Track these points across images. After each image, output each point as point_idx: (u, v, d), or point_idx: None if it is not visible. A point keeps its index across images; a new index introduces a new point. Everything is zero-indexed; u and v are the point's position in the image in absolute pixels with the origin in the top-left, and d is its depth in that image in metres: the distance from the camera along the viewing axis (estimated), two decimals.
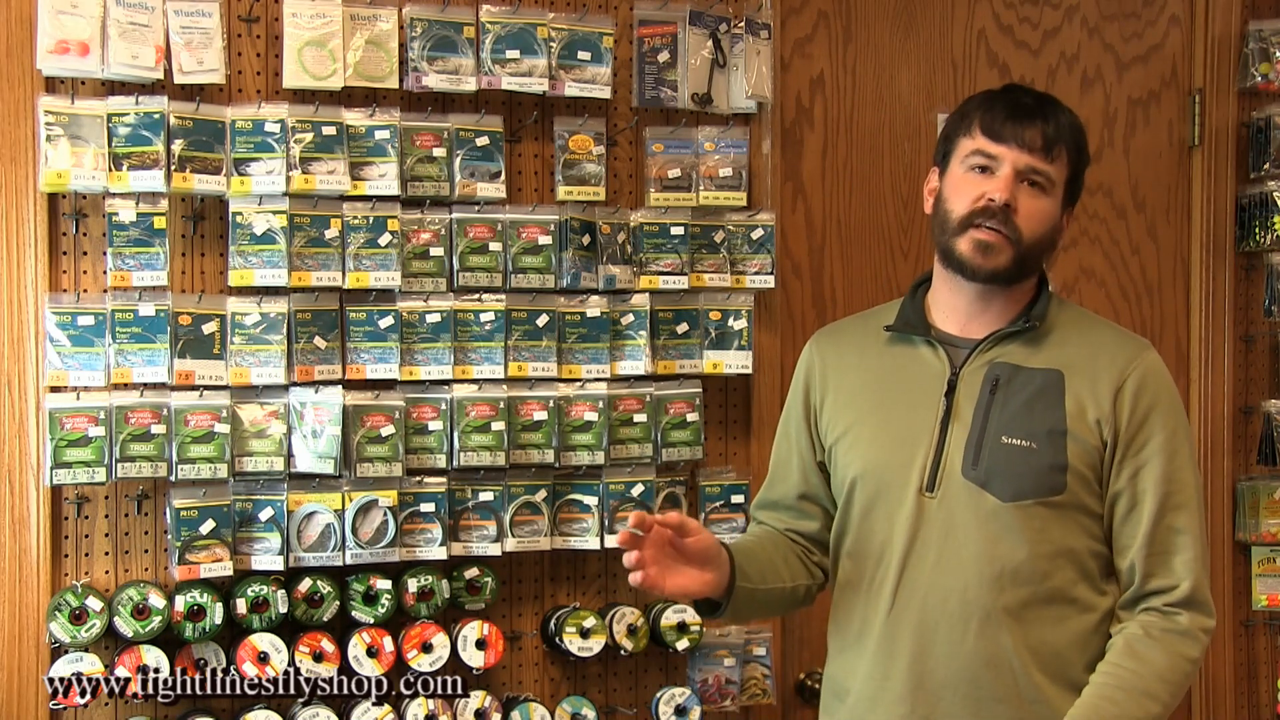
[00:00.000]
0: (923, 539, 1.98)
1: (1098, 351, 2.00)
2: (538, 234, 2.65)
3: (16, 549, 2.39)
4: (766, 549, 2.12)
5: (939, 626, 1.96)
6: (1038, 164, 1.96)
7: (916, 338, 2.07)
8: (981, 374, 2.00)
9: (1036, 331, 2.02)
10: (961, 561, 1.95)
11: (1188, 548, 1.94)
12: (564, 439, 2.66)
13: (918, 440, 2.01)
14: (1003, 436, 1.96)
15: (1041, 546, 1.94)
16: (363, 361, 2.54)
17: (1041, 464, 1.94)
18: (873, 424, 2.07)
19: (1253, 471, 3.30)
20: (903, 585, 1.99)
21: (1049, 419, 1.96)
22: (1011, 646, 1.93)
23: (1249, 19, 3.28)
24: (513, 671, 2.71)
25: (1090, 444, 1.95)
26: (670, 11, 2.78)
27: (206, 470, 2.42)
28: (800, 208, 3.00)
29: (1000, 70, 3.17)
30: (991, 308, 2.03)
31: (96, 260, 2.45)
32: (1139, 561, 1.95)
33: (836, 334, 2.21)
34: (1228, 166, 3.29)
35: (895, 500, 2.01)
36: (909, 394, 2.05)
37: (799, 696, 2.95)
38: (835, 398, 2.13)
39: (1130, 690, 1.89)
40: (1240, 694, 3.30)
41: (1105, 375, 1.97)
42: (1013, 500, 1.94)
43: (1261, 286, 3.28)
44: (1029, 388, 1.98)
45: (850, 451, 2.08)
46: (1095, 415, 1.96)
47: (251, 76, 2.54)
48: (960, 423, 1.99)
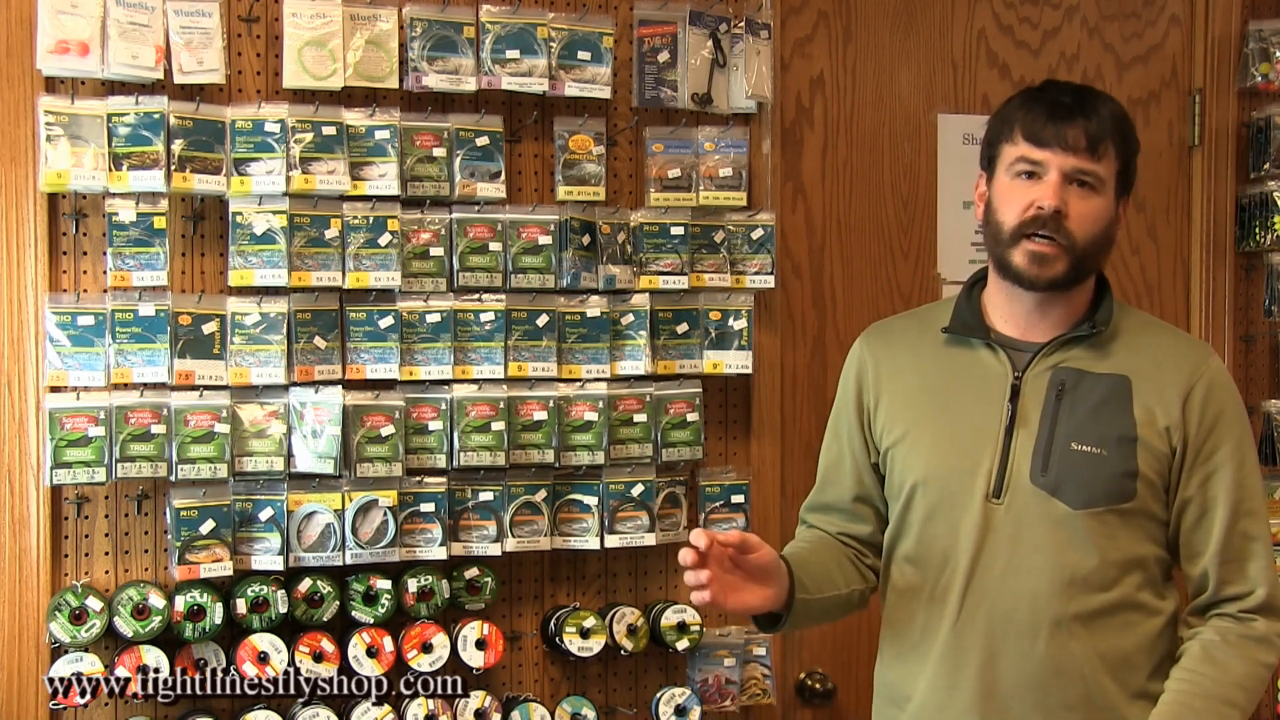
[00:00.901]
0: (990, 547, 1.95)
1: (1163, 357, 1.99)
2: (538, 234, 2.65)
3: (16, 549, 2.39)
4: (821, 556, 2.09)
5: (1008, 634, 1.94)
6: (1085, 164, 1.92)
7: (976, 340, 2.03)
8: (1046, 379, 1.98)
9: (1100, 336, 1.99)
10: (1031, 569, 1.93)
11: (1261, 555, 1.94)
12: (564, 439, 2.66)
13: (982, 446, 1.98)
14: (1072, 443, 1.94)
15: (1111, 554, 1.92)
16: (363, 361, 2.54)
17: (1113, 471, 1.93)
18: (933, 428, 2.03)
19: None
20: (970, 593, 1.96)
21: (1118, 425, 1.94)
22: (1081, 654, 1.92)
23: (1249, 19, 3.28)
24: (513, 671, 2.71)
25: (1160, 451, 1.94)
26: (670, 11, 2.78)
27: (206, 470, 2.42)
28: (800, 208, 3.00)
29: (1000, 70, 3.18)
30: (1052, 313, 2.00)
31: (96, 260, 2.45)
32: (1212, 569, 1.94)
33: (887, 333, 2.17)
34: (1228, 166, 3.29)
35: (960, 507, 1.98)
36: (970, 398, 2.01)
37: (799, 696, 2.95)
38: (891, 399, 2.09)
39: (1209, 697, 1.87)
40: None
41: (1172, 382, 1.96)
42: (1084, 507, 1.92)
43: (1261, 286, 3.28)
44: (1096, 393, 1.96)
45: (910, 456, 2.04)
46: (1165, 422, 1.94)
47: (251, 76, 2.54)
48: (1026, 428, 1.96)
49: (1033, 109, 1.96)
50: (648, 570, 2.81)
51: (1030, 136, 1.94)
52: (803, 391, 2.98)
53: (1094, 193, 1.93)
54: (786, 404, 2.94)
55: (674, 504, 2.76)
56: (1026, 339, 2.01)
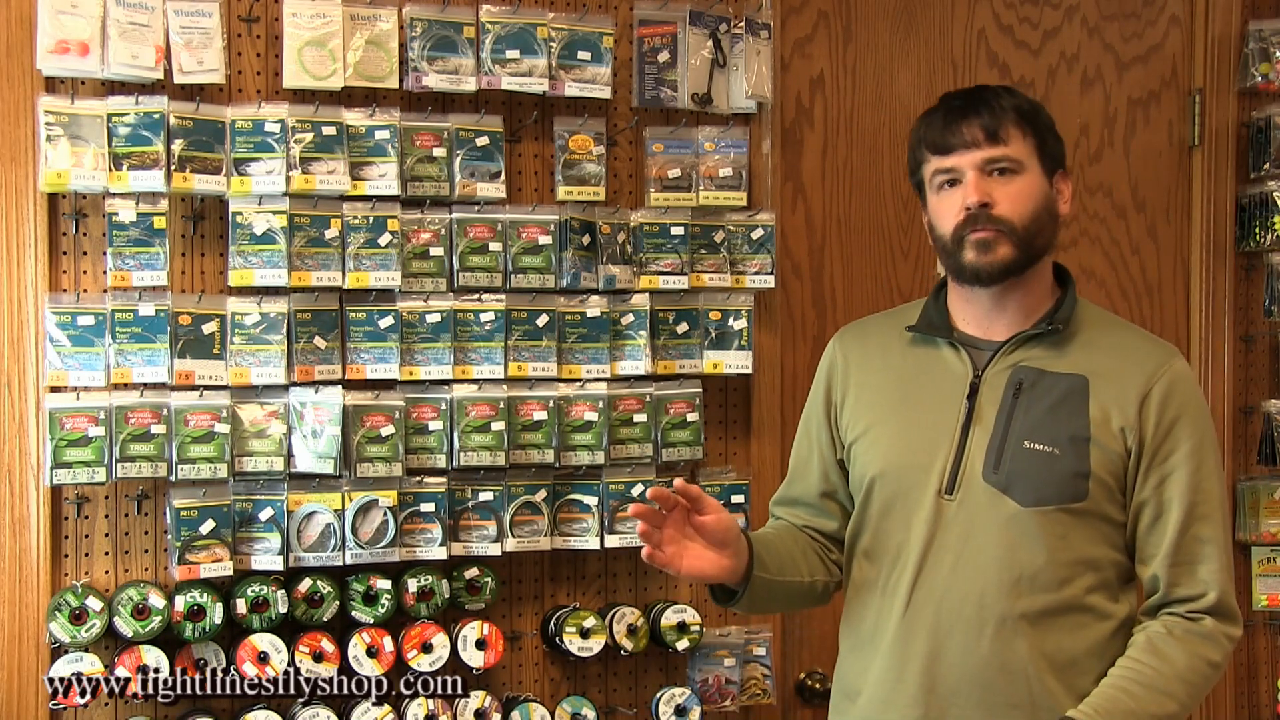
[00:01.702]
0: (940, 542, 1.97)
1: (1124, 357, 1.98)
2: (538, 234, 2.65)
3: (16, 549, 2.39)
4: (786, 542, 2.11)
5: (954, 630, 1.95)
6: (992, 153, 1.95)
7: (939, 339, 2.05)
8: (1005, 377, 1.99)
9: (1061, 334, 2.00)
10: (979, 566, 1.94)
11: (1213, 558, 1.93)
12: (564, 439, 2.66)
13: (938, 442, 1.99)
14: (1025, 441, 1.94)
15: (1061, 554, 1.92)
16: (363, 361, 2.54)
17: (1064, 470, 1.93)
18: (893, 424, 2.06)
19: (1253, 471, 3.30)
20: (919, 587, 1.98)
21: (1073, 425, 1.94)
22: (1026, 653, 1.92)
23: (1249, 19, 3.28)
24: (513, 671, 2.71)
25: (1114, 451, 1.93)
26: (670, 11, 2.78)
27: (206, 470, 2.42)
28: (800, 208, 3.00)
29: (1000, 70, 3.18)
30: (1009, 308, 2.01)
31: (96, 260, 2.45)
32: (1163, 572, 1.93)
33: (861, 332, 2.19)
34: (1228, 166, 3.29)
35: (914, 502, 2.00)
36: (931, 395, 2.03)
37: (799, 696, 2.95)
38: (857, 396, 2.12)
39: (1148, 686, 1.88)
40: (1240, 694, 3.30)
41: (1132, 382, 1.95)
42: (1034, 506, 1.92)
43: (1261, 286, 3.28)
44: (1053, 393, 1.96)
45: (870, 451, 2.06)
46: (1120, 423, 1.94)
47: (251, 76, 2.54)
48: (982, 426, 1.97)
49: (932, 123, 2.02)
50: (648, 570, 2.81)
51: (935, 148, 1.99)
52: (803, 391, 2.94)
53: (1014, 175, 1.96)
54: (786, 404, 2.94)
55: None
56: (988, 338, 2.03)
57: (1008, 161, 1.96)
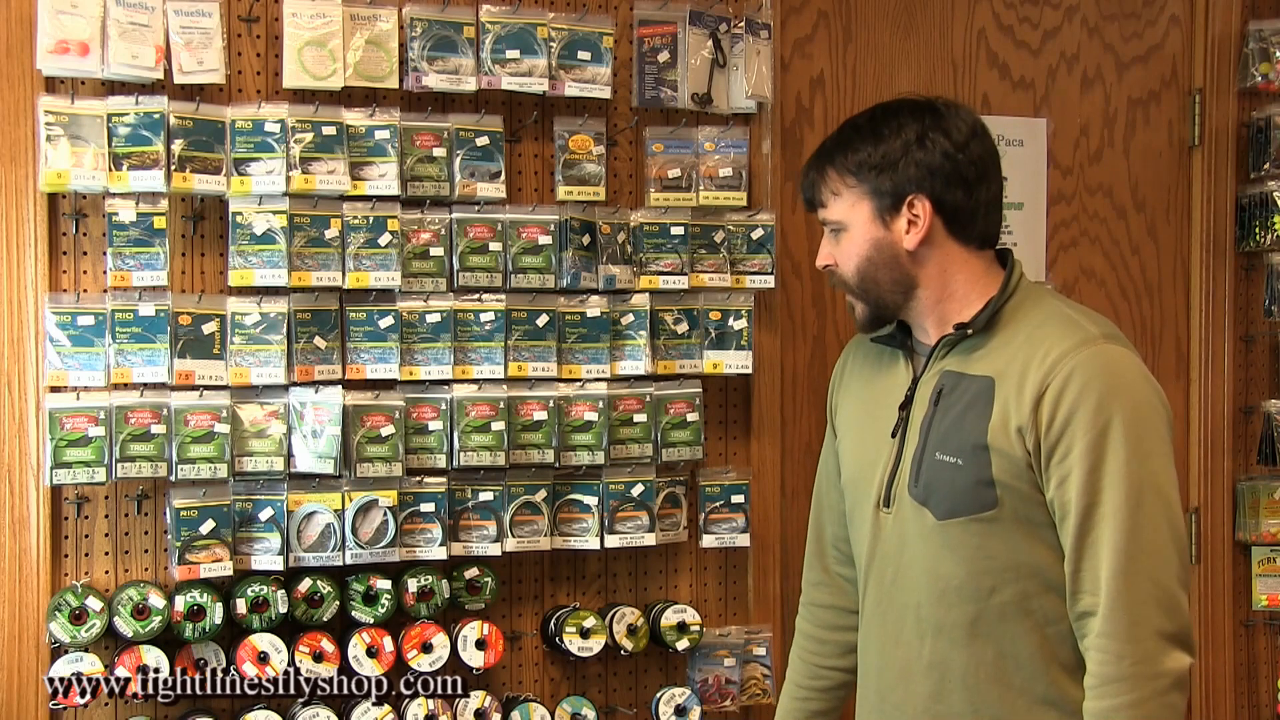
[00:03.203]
0: (881, 554, 2.00)
1: (1033, 350, 1.87)
2: (538, 234, 2.65)
3: (16, 549, 2.39)
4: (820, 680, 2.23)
5: (898, 642, 1.98)
6: (823, 217, 2.03)
7: (892, 346, 2.07)
8: (932, 384, 1.97)
9: (984, 334, 1.93)
10: (913, 578, 1.95)
11: (1110, 562, 1.78)
12: (564, 439, 2.66)
13: (879, 454, 2.01)
14: (936, 453, 1.92)
15: (981, 563, 1.88)
16: (363, 361, 2.54)
17: (968, 480, 1.88)
18: (853, 435, 2.10)
19: (1253, 471, 3.30)
20: (867, 599, 2.04)
21: (975, 432, 1.87)
22: (964, 663, 1.91)
23: (1249, 19, 3.28)
24: (513, 671, 2.71)
25: (1014, 455, 1.84)
26: (670, 11, 2.78)
27: (206, 470, 2.42)
28: (800, 208, 2.99)
29: (1000, 70, 3.18)
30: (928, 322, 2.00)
31: (96, 260, 2.44)
32: (1069, 575, 1.84)
33: (863, 338, 2.18)
34: (1228, 166, 3.29)
35: (862, 514, 2.04)
36: (880, 405, 2.05)
37: None
38: (844, 404, 2.17)
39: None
40: (1240, 694, 3.30)
41: (1030, 378, 1.84)
42: (946, 518, 1.90)
43: (1261, 286, 3.28)
44: (964, 398, 1.91)
45: (841, 459, 2.13)
46: (1016, 423, 1.84)
47: (251, 76, 2.54)
48: (911, 437, 1.97)
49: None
50: (648, 570, 2.81)
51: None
52: (803, 391, 2.98)
53: (842, 233, 2.00)
54: (786, 404, 2.94)
55: (674, 504, 2.76)
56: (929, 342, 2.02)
57: (833, 224, 2.02)
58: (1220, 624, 3.26)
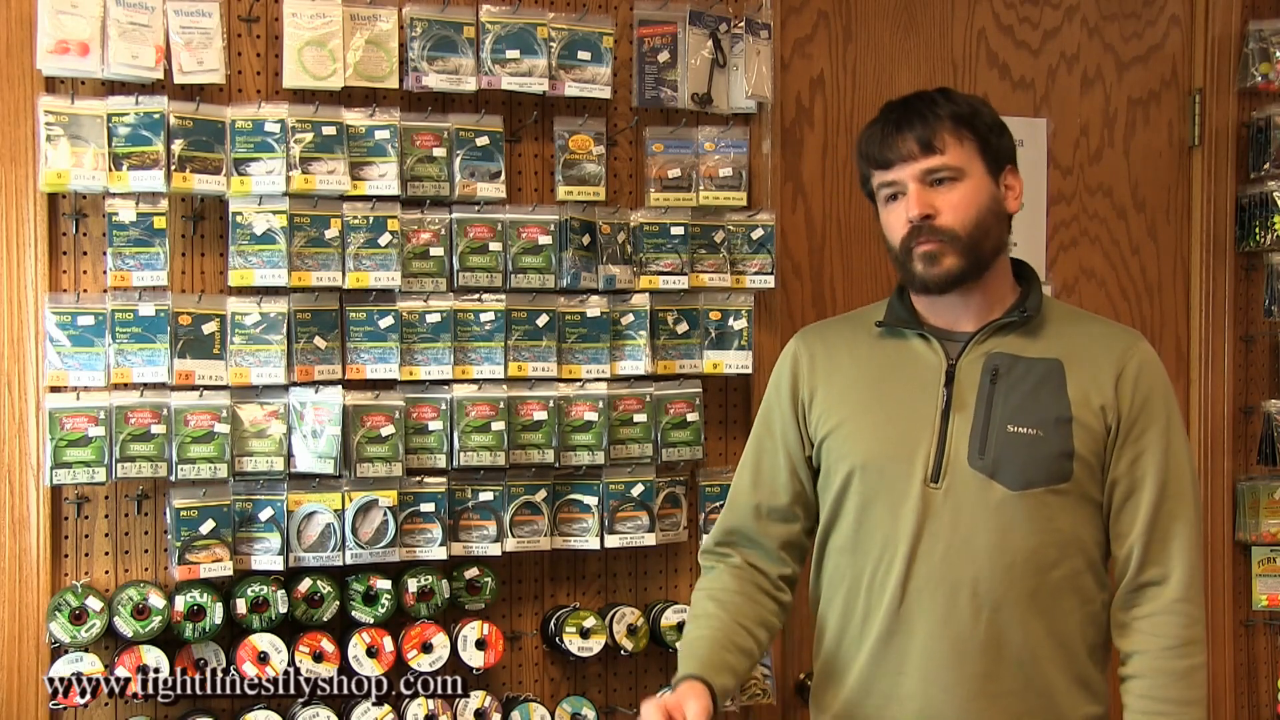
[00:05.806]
0: (930, 531, 1.97)
1: (1093, 341, 2.02)
2: (538, 234, 2.65)
3: (16, 549, 2.39)
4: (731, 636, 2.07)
5: (950, 619, 1.95)
6: (929, 164, 1.97)
7: (909, 331, 2.07)
8: (980, 364, 2.01)
9: (1031, 323, 2.03)
10: (970, 553, 1.95)
11: (1182, 535, 1.96)
12: (564, 439, 2.66)
13: (919, 431, 2.00)
14: (1009, 425, 1.96)
15: (1050, 535, 1.95)
16: (363, 361, 2.54)
17: (1050, 451, 1.95)
18: (870, 416, 2.06)
19: (1253, 471, 3.30)
20: (911, 578, 1.98)
21: (1055, 407, 1.97)
22: (1021, 638, 1.94)
23: (1249, 19, 3.28)
24: (513, 671, 2.71)
25: (1096, 430, 1.96)
26: (670, 11, 2.78)
27: (206, 470, 2.42)
28: (800, 208, 3.00)
29: (1000, 70, 3.18)
30: (972, 305, 2.04)
31: (96, 260, 2.45)
32: (1137, 548, 1.97)
33: (822, 331, 2.21)
34: (1228, 166, 3.29)
35: (900, 492, 2.00)
36: (906, 386, 2.04)
37: (799, 696, 2.95)
38: (827, 391, 2.11)
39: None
40: (1240, 694, 3.30)
41: (1105, 362, 1.99)
42: (1022, 489, 1.94)
43: (1261, 286, 3.28)
44: (1031, 377, 1.99)
45: (846, 443, 2.06)
46: (1100, 401, 1.97)
47: (251, 76, 2.54)
48: (963, 413, 1.99)
49: (872, 137, 2.04)
50: (648, 570, 2.81)
51: (876, 163, 2.02)
52: None
53: (955, 182, 1.98)
54: None
55: (674, 504, 2.76)
56: (958, 329, 2.05)
57: (947, 170, 1.98)
58: (1220, 624, 3.26)
